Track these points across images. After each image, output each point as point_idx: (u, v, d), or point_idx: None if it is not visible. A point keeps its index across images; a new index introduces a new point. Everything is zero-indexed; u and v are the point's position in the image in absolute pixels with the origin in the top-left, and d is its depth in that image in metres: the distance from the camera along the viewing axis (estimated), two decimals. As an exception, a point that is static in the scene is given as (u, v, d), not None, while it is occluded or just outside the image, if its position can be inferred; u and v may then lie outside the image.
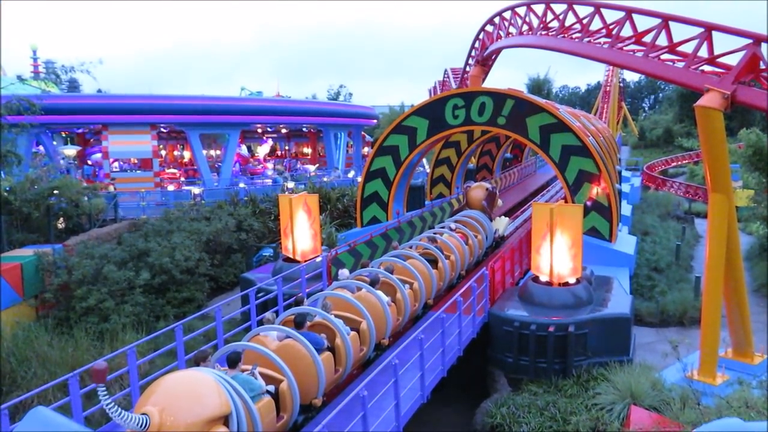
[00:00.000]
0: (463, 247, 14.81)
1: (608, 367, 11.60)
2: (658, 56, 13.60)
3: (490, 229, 17.22)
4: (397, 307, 10.93)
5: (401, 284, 11.09)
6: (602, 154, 18.40)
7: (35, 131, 27.63)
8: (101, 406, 8.56)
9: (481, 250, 16.53)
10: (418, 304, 11.88)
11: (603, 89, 75.60)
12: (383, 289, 10.75)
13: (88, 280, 16.41)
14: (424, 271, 12.27)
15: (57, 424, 2.96)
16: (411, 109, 20.69)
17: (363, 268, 11.46)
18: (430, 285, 12.46)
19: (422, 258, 12.57)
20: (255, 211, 25.14)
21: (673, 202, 35.77)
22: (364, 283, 10.33)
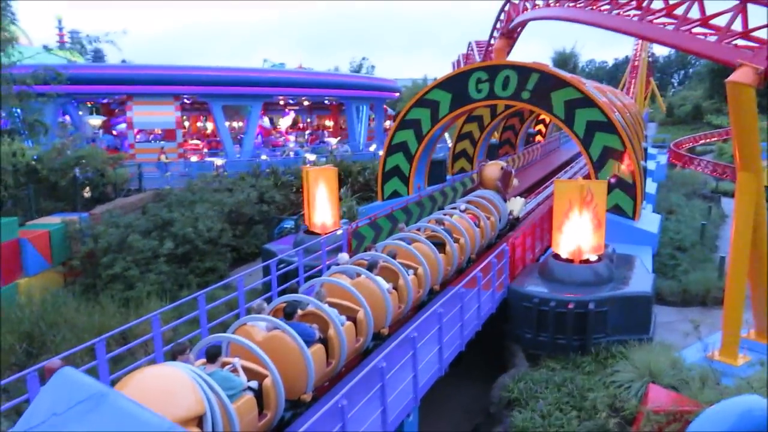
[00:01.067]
0: (473, 230, 14.00)
1: (627, 345, 11.56)
2: (690, 29, 13.21)
3: (504, 211, 16.43)
4: (399, 294, 10.31)
5: (404, 270, 10.45)
6: (628, 131, 18.07)
7: (61, 101, 27.96)
8: (127, 371, 8.84)
9: (494, 232, 15.73)
10: (422, 291, 11.25)
11: (631, 64, 73.99)
12: (385, 275, 10.21)
13: (113, 248, 16.74)
14: (429, 256, 11.59)
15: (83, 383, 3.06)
16: (434, 82, 20.47)
17: (365, 252, 10.97)
18: (436, 270, 11.78)
19: (428, 242, 11.91)
20: (277, 183, 25.28)
21: (700, 180, 35.09)
22: (363, 269, 9.80)
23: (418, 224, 13.43)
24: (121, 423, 2.99)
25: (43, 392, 3.30)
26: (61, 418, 3.11)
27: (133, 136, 31.82)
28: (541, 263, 14.14)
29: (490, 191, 16.67)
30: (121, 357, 10.49)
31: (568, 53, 69.17)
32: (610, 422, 9.49)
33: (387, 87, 44.41)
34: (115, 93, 31.79)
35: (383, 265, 10.29)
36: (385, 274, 10.24)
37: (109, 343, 9.49)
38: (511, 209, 17.38)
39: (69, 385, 3.21)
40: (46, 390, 3.29)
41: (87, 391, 3.16)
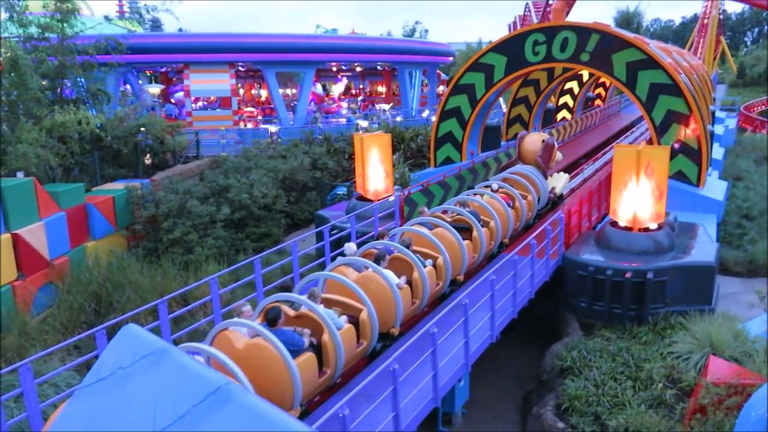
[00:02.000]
0: (506, 212, 12.62)
1: (687, 316, 11.23)
2: (767, -17, 12.33)
3: (543, 189, 14.92)
4: (414, 289, 9.19)
5: (419, 261, 9.31)
6: (694, 93, 17.21)
7: (122, 70, 28.75)
8: (189, 330, 9.23)
9: (531, 213, 14.30)
10: (442, 283, 10.06)
11: (700, 22, 69.81)
12: (399, 268, 9.18)
13: (173, 213, 17.30)
14: (452, 243, 10.40)
15: (146, 339, 3.22)
16: (489, 45, 19.95)
17: (378, 240, 9.87)
18: (459, 259, 10.55)
19: (451, 227, 10.67)
20: (329, 149, 25.43)
21: (772, 145, 33.20)
22: (371, 261, 8.73)
23: (443, 206, 12.23)
24: (181, 376, 3.13)
25: (110, 347, 3.48)
26: (127, 371, 3.28)
27: (190, 104, 32.51)
28: (598, 231, 13.80)
29: (529, 167, 15.23)
30: (182, 318, 10.95)
31: (632, 12, 66.09)
32: (666, 393, 9.30)
33: (440, 51, 43.60)
34: (172, 62, 32.43)
35: (396, 256, 9.31)
36: (399, 266, 9.21)
37: (171, 305, 9.90)
38: (553, 186, 15.79)
39: (134, 341, 3.37)
40: (112, 345, 3.47)
41: (150, 347, 3.31)
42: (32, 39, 19.77)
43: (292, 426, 2.95)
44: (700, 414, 8.22)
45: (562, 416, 9.43)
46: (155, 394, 3.14)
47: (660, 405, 9.19)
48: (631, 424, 8.61)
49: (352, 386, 7.46)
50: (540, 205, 14.85)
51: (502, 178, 14.53)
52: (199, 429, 2.96)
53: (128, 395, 3.22)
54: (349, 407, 5.78)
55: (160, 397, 3.11)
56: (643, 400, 9.29)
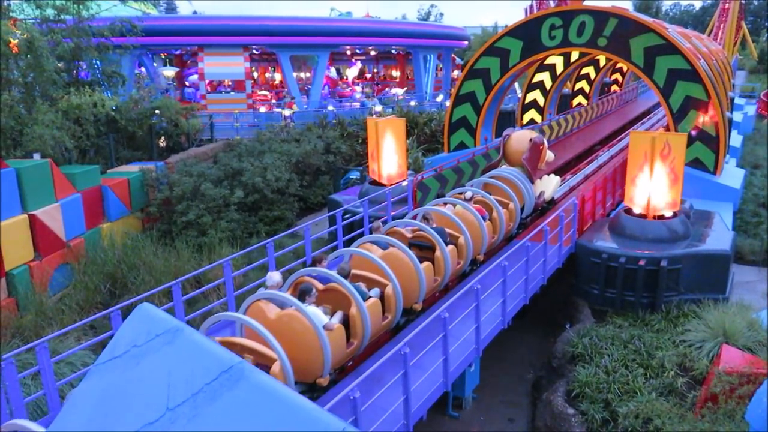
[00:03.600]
0: (479, 225, 10.86)
1: (701, 305, 11.15)
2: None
3: (529, 194, 13.01)
4: (353, 328, 7.63)
5: (359, 293, 7.67)
6: (713, 79, 16.93)
7: (137, 53, 28.85)
8: (202, 312, 9.33)
9: (513, 223, 12.44)
10: (391, 316, 8.41)
11: (721, 6, 68.57)
12: (334, 302, 7.76)
13: (187, 196, 17.42)
14: (407, 268, 8.82)
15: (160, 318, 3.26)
16: (504, 29, 19.73)
17: (314, 267, 8.25)
18: (414, 286, 8.90)
19: (407, 249, 9.04)
20: (343, 134, 25.40)
21: (792, 133, 32.65)
22: (293, 299, 7.13)
23: (404, 220, 10.49)
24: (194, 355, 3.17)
25: (125, 326, 3.53)
26: (141, 349, 3.32)
27: (204, 87, 32.56)
28: (612, 218, 13.69)
29: (514, 169, 13.42)
30: (195, 299, 11.07)
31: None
32: (678, 381, 9.27)
33: (455, 35, 43.21)
34: (187, 44, 32.46)
35: (330, 287, 7.83)
36: (333, 299, 7.80)
37: (184, 286, 10.02)
38: (542, 190, 13.83)
39: (148, 320, 3.41)
40: (127, 324, 3.51)
41: (164, 325, 3.35)
42: (48, 21, 19.86)
43: (303, 405, 2.98)
44: (711, 402, 8.20)
45: (572, 402, 9.44)
46: (169, 372, 3.18)
47: (671, 393, 9.17)
48: (642, 411, 8.60)
49: (363, 369, 7.54)
50: (525, 213, 13.05)
51: (483, 183, 12.88)
52: (211, 406, 3.01)
53: (142, 373, 3.27)
54: (360, 390, 5.84)
55: (174, 374, 3.16)
56: (654, 387, 9.27)
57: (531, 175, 13.41)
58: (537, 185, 13.70)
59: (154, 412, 3.11)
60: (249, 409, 2.98)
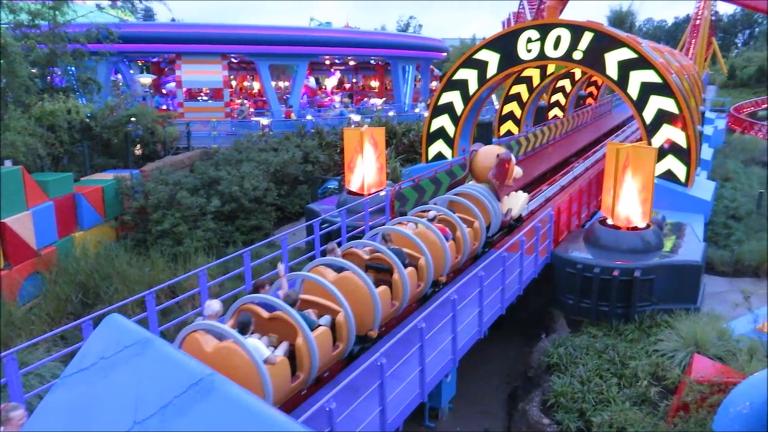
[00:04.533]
0: (442, 245, 10.34)
1: (673, 315, 11.33)
2: (758, -15, 12.42)
3: (495, 212, 12.58)
4: (299, 360, 7.12)
5: (307, 322, 7.24)
6: (685, 94, 17.31)
7: (113, 59, 28.51)
8: (177, 322, 9.20)
9: (478, 242, 12.02)
10: (343, 345, 7.89)
11: (692, 23, 70.07)
12: (281, 330, 7.29)
13: (163, 204, 17.22)
14: (362, 292, 8.29)
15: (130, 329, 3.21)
16: (482, 41, 19.94)
17: (256, 293, 7.75)
18: (369, 312, 8.36)
19: (362, 272, 8.48)
20: (321, 143, 25.38)
21: (761, 147, 33.42)
22: (231, 331, 6.65)
23: (361, 241, 10.18)
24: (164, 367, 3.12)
25: (94, 337, 3.46)
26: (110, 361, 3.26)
27: (182, 95, 32.30)
28: (587, 229, 13.87)
29: (480, 186, 12.98)
30: (170, 309, 10.91)
31: (625, 11, 66.34)
32: (651, 390, 9.39)
33: (434, 47, 43.53)
34: (164, 52, 32.19)
35: (277, 315, 7.36)
36: (280, 328, 7.34)
37: (159, 296, 9.88)
38: (509, 207, 13.40)
39: (117, 331, 3.36)
40: (96, 335, 3.45)
41: (134, 337, 3.30)
42: (22, 26, 19.56)
43: (275, 417, 2.95)
44: (683, 411, 8.31)
45: (548, 412, 9.50)
46: (138, 384, 3.13)
47: (644, 402, 9.28)
48: (616, 420, 8.70)
49: (339, 380, 7.48)
50: (491, 232, 12.72)
51: (448, 200, 12.44)
52: (181, 419, 2.96)
53: (110, 385, 3.21)
54: (336, 401, 5.80)
55: (143, 387, 3.11)
56: (627, 397, 9.38)
57: (498, 192, 13.04)
58: (504, 202, 13.33)
59: (121, 426, 3.05)
60: (219, 421, 2.94)
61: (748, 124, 41.36)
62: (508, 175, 13.17)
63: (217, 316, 7.08)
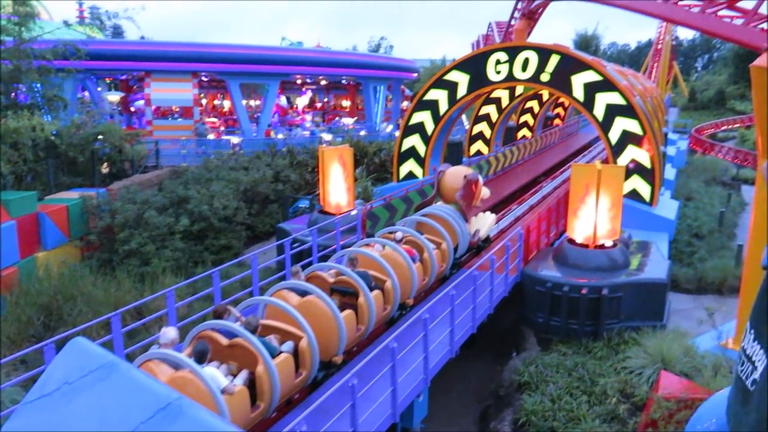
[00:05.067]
0: (409, 267, 10.23)
1: (641, 332, 11.51)
2: (716, 12, 12.92)
3: (463, 233, 12.52)
4: (259, 389, 6.88)
5: (268, 348, 7.05)
6: (648, 115, 17.79)
7: (80, 76, 28.09)
8: (143, 344, 8.98)
9: (446, 264, 11.94)
10: (306, 372, 7.68)
11: (654, 47, 72.50)
12: (241, 358, 7.06)
13: (130, 224, 16.92)
14: (326, 317, 8.12)
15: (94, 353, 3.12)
16: (452, 63, 20.25)
17: (217, 319, 7.58)
18: (333, 337, 8.15)
19: (326, 296, 8.32)
20: (292, 162, 25.32)
21: (721, 167, 34.57)
22: (186, 360, 6.37)
23: (326, 264, 9.87)
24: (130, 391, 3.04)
25: (56, 361, 3.36)
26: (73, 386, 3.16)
27: (151, 113, 31.95)
28: (556, 248, 14.05)
29: (448, 207, 12.92)
30: (136, 331, 10.66)
31: (590, 35, 68.23)
32: (620, 408, 9.49)
33: (405, 67, 44.01)
34: (133, 69, 31.85)
35: (236, 342, 7.11)
36: (240, 354, 7.10)
37: (125, 318, 9.66)
38: (477, 229, 13.29)
39: (81, 355, 3.26)
40: (59, 359, 3.35)
41: (99, 361, 3.21)
42: (-14, 42, 19.17)
43: (245, 442, 2.90)
44: (651, 428, 8.41)
45: (519, 431, 9.51)
46: (102, 410, 3.04)
47: (613, 419, 9.37)
48: (586, 438, 8.75)
49: (310, 401, 7.38)
50: (459, 253, 12.60)
51: (415, 221, 12.39)
52: (147, 446, 2.89)
53: (74, 411, 3.11)
54: (307, 423, 5.72)
55: (108, 413, 3.02)
56: (597, 414, 9.46)
57: (465, 213, 12.93)
58: (472, 223, 13.27)
59: (85, 453, 2.95)
60: (188, 447, 2.88)
61: (709, 146, 42.67)
62: (476, 196, 13.14)
63: (174, 344, 6.83)
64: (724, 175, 32.90)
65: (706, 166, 33.37)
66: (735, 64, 69.89)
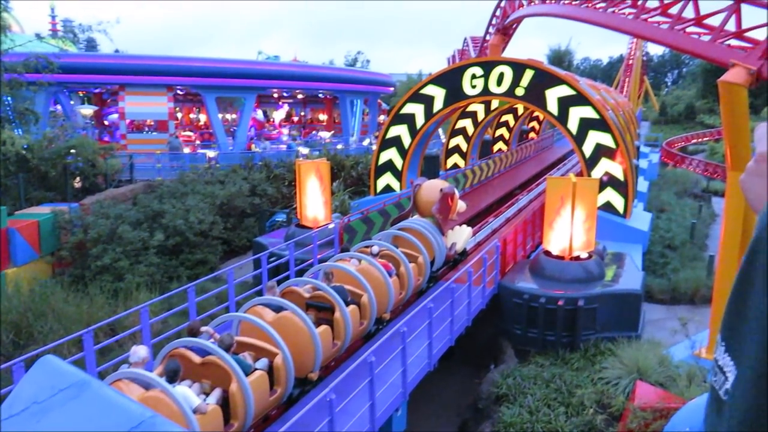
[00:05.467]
0: (385, 282, 10.17)
1: (616, 342, 11.62)
2: (684, 29, 13.25)
3: (439, 247, 12.53)
4: (233, 407, 6.80)
5: (242, 366, 6.92)
6: (621, 129, 18.12)
7: (53, 90, 27.70)
8: (116, 362, 8.80)
9: (422, 277, 11.90)
10: (281, 390, 7.53)
11: (625, 62, 74.02)
12: (213, 376, 6.97)
13: (103, 239, 16.63)
14: (302, 333, 7.98)
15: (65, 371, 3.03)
16: (428, 77, 20.43)
17: (191, 336, 7.50)
18: (309, 353, 8.04)
19: (301, 312, 8.20)
20: (269, 176, 25.20)
21: (691, 179, 35.26)
22: (157, 379, 6.27)
23: (302, 279, 9.79)
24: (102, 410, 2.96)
25: (25, 380, 3.26)
26: (43, 406, 3.07)
27: (125, 126, 31.58)
28: (532, 260, 14.17)
29: (424, 221, 12.93)
30: (109, 348, 10.44)
31: (563, 51, 69.46)
32: (597, 418, 9.55)
33: (381, 81, 44.28)
34: (107, 83, 31.52)
35: (210, 360, 6.98)
36: (212, 372, 7.00)
37: (97, 335, 9.46)
38: (453, 242, 13.34)
39: (51, 374, 3.17)
40: (27, 378, 3.25)
41: (69, 379, 3.12)
42: (-46, 55, 18.82)
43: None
44: (628, 438, 8.47)
45: (498, 443, 9.51)
46: (73, 430, 2.96)
47: (591, 430, 9.42)
48: (564, 449, 8.78)
49: (287, 417, 7.30)
50: (435, 267, 12.60)
51: (392, 235, 12.32)
52: (120, 466, 2.81)
53: (43, 431, 3.02)
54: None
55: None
56: (575, 425, 9.50)
57: (442, 226, 12.94)
58: (448, 237, 13.26)
59: (55, 476, 2.86)
60: (162, 466, 2.81)
61: (680, 158, 43.53)
62: (452, 209, 13.18)
63: (144, 363, 6.72)
64: (695, 188, 33.57)
65: (677, 179, 34.02)
66: (703, 79, 71.63)
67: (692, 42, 12.80)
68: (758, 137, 0.98)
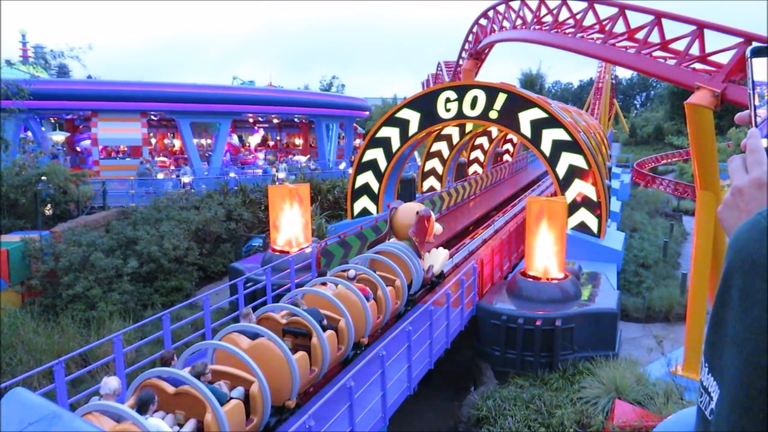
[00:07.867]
0: (363, 306, 10.12)
1: (594, 362, 11.70)
2: (650, 53, 13.65)
3: (417, 270, 12.43)
4: None
5: (217, 395, 6.78)
6: (593, 150, 18.46)
7: (23, 116, 27.28)
8: (89, 393, 8.57)
9: (400, 300, 11.82)
10: (258, 419, 7.35)
11: (595, 86, 75.79)
12: (188, 407, 6.84)
13: (75, 267, 16.30)
14: (278, 359, 7.83)
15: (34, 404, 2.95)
16: (403, 101, 20.64)
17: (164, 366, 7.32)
18: (285, 380, 7.88)
19: (277, 338, 8.00)
20: (245, 200, 25.06)
21: (662, 199, 36.01)
22: (129, 411, 6.04)
23: (278, 304, 9.65)
24: (74, 445, 2.89)
25: (-6, 415, 3.17)
26: (12, 442, 2.99)
27: (98, 152, 31.21)
28: (509, 281, 14.25)
29: (401, 244, 12.85)
30: (81, 379, 10.20)
31: (535, 74, 70.86)
32: (577, 439, 9.55)
33: (357, 105, 44.59)
34: (79, 109, 31.18)
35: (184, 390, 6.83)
36: (186, 403, 6.85)
37: (69, 366, 9.23)
38: (431, 264, 13.25)
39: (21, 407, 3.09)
40: (-4, 412, 3.16)
41: (40, 412, 3.04)
42: None
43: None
44: (608, 458, 8.47)
45: (479, 467, 9.43)
46: (44, 465, 2.88)
47: (571, 451, 9.41)
48: (545, 471, 8.74)
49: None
50: (413, 290, 12.52)
51: (368, 259, 12.28)
52: (93, 501, 2.73)
53: (13, 468, 2.93)
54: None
55: (50, 468, 2.86)
56: (555, 446, 9.48)
57: (419, 249, 12.84)
58: (425, 259, 13.19)
59: None
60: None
61: (651, 179, 44.45)
62: (429, 231, 13.08)
63: (116, 395, 6.53)
64: (666, 207, 34.26)
65: (648, 199, 34.69)
66: (671, 102, 73.63)
67: (658, 66, 13.19)
68: (732, 170, 1.02)
